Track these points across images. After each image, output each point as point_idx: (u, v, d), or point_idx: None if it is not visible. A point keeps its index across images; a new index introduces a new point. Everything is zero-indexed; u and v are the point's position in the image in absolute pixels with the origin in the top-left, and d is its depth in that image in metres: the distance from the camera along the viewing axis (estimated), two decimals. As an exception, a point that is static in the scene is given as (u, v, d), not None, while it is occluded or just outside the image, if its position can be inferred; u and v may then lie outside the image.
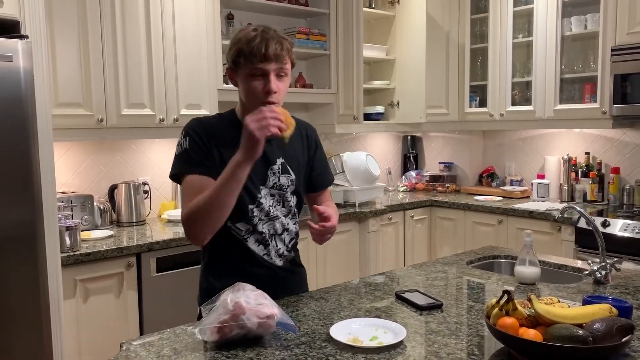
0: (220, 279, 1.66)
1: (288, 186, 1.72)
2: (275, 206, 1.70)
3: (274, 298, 1.66)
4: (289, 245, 1.76)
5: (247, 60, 1.53)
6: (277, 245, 1.72)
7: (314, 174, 1.82)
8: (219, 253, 1.70)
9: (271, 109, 1.46)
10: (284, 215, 1.73)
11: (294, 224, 1.77)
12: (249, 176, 1.56)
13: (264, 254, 1.69)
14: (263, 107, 1.47)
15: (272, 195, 1.69)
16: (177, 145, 1.65)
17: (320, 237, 1.62)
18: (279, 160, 1.70)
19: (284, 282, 1.76)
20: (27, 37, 2.13)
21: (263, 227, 1.68)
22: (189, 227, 1.56)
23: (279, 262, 1.73)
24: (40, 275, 2.18)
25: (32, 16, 2.20)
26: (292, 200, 1.75)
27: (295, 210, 1.78)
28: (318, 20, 3.82)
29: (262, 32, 1.54)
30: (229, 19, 3.50)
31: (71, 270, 2.41)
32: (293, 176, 1.73)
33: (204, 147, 1.61)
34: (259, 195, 1.66)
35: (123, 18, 2.82)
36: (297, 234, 1.80)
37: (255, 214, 1.66)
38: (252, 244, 1.68)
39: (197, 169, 1.59)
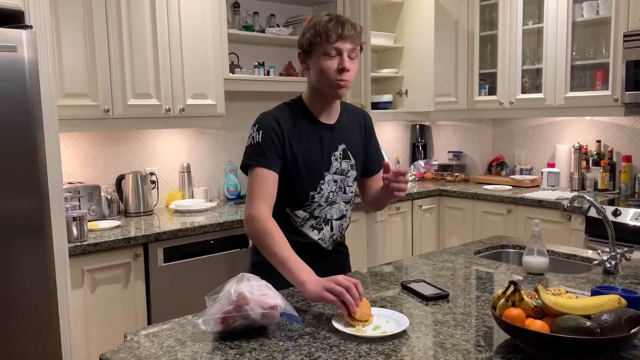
0: None
1: (349, 171, 1.81)
2: (336, 192, 1.79)
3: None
4: (343, 232, 1.88)
5: (323, 40, 1.62)
6: (332, 231, 1.82)
7: (368, 159, 1.90)
8: None
9: (358, 291, 1.37)
10: (344, 202, 1.83)
11: (350, 209, 1.88)
12: (313, 164, 1.72)
13: (318, 239, 1.80)
14: (351, 288, 1.37)
15: (334, 181, 1.78)
16: (249, 138, 1.72)
17: (396, 185, 1.64)
18: (341, 147, 1.79)
19: (332, 263, 1.85)
20: (31, 27, 2.12)
21: (320, 213, 1.78)
22: (251, 233, 1.66)
23: (330, 246, 1.84)
24: (47, 265, 2.19)
25: (36, 6, 2.19)
26: (353, 187, 1.84)
27: (354, 198, 1.88)
28: (325, 8, 3.78)
29: (336, 16, 1.67)
30: (234, 7, 3.47)
31: (78, 260, 2.42)
32: (353, 161, 1.82)
33: (278, 142, 1.69)
34: (321, 182, 1.75)
35: (128, 7, 2.80)
36: (349, 219, 1.91)
37: (315, 199, 1.76)
38: (307, 228, 1.78)
39: (266, 163, 1.67)
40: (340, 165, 1.79)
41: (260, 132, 1.69)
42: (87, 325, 2.49)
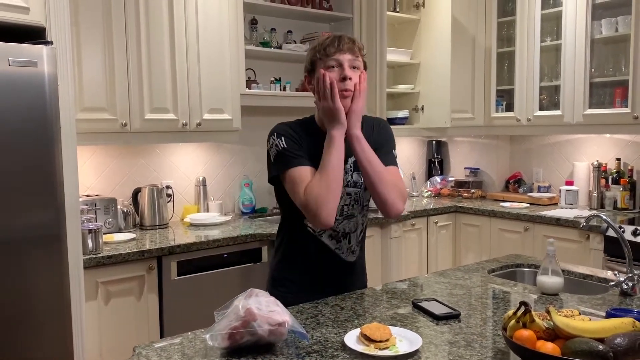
0: (293, 270, 1.81)
1: (362, 183, 1.77)
2: (352, 205, 1.77)
3: (341, 291, 1.79)
4: (360, 240, 1.86)
5: (322, 55, 1.67)
6: (349, 242, 1.81)
7: None
8: (295, 246, 1.80)
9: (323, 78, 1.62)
10: (359, 214, 1.81)
11: (363, 217, 1.85)
12: None
13: (335, 248, 1.79)
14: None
15: (348, 194, 1.76)
16: (271, 148, 1.71)
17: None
18: (351, 159, 1.75)
19: (353, 276, 1.87)
20: (52, 43, 2.17)
21: (338, 227, 1.76)
22: (315, 208, 1.59)
23: (351, 258, 1.83)
24: (62, 277, 2.21)
25: (57, 22, 2.24)
26: (367, 195, 1.81)
27: (367, 204, 1.85)
28: (342, 25, 3.81)
29: (334, 34, 1.75)
30: (252, 24, 3.51)
31: (93, 272, 2.44)
32: None
33: (298, 144, 1.69)
34: None
35: (147, 23, 2.85)
36: (365, 226, 1.88)
37: None
38: (325, 238, 1.77)
39: (301, 162, 1.66)
40: (352, 177, 1.77)
41: (283, 138, 1.69)
42: (100, 338, 2.50)
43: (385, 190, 1.68)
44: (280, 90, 3.51)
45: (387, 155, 1.79)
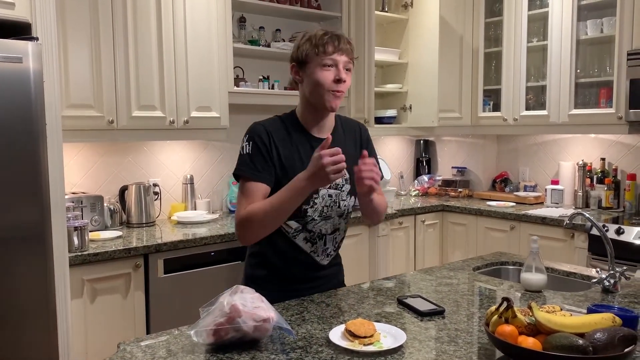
0: (265, 269, 1.80)
1: (343, 185, 1.78)
2: (331, 206, 1.77)
3: (313, 291, 1.78)
4: (337, 245, 1.86)
5: (320, 52, 1.65)
6: (325, 245, 1.80)
7: None
8: (267, 245, 1.77)
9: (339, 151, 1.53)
10: (338, 216, 1.80)
11: (345, 223, 1.85)
12: None
13: (311, 251, 1.78)
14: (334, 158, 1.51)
15: (329, 195, 1.75)
16: (242, 148, 1.73)
17: (367, 174, 1.60)
18: None
19: (326, 279, 1.86)
20: (37, 39, 2.16)
21: (314, 227, 1.76)
22: (243, 230, 1.67)
23: (325, 261, 1.82)
24: (47, 274, 2.20)
25: (43, 18, 2.22)
26: (347, 200, 1.81)
27: (350, 211, 1.85)
28: (330, 24, 3.81)
29: (331, 31, 1.70)
30: (240, 22, 3.51)
31: (79, 270, 2.43)
32: (347, 175, 1.77)
33: (266, 152, 1.69)
34: (315, 196, 1.72)
35: (135, 20, 2.84)
36: (345, 232, 1.88)
37: (309, 213, 1.73)
38: (300, 240, 1.76)
39: (255, 176, 1.68)
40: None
41: (251, 143, 1.70)
42: (86, 335, 2.49)
43: (379, 215, 1.87)
44: (269, 88, 3.51)
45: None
